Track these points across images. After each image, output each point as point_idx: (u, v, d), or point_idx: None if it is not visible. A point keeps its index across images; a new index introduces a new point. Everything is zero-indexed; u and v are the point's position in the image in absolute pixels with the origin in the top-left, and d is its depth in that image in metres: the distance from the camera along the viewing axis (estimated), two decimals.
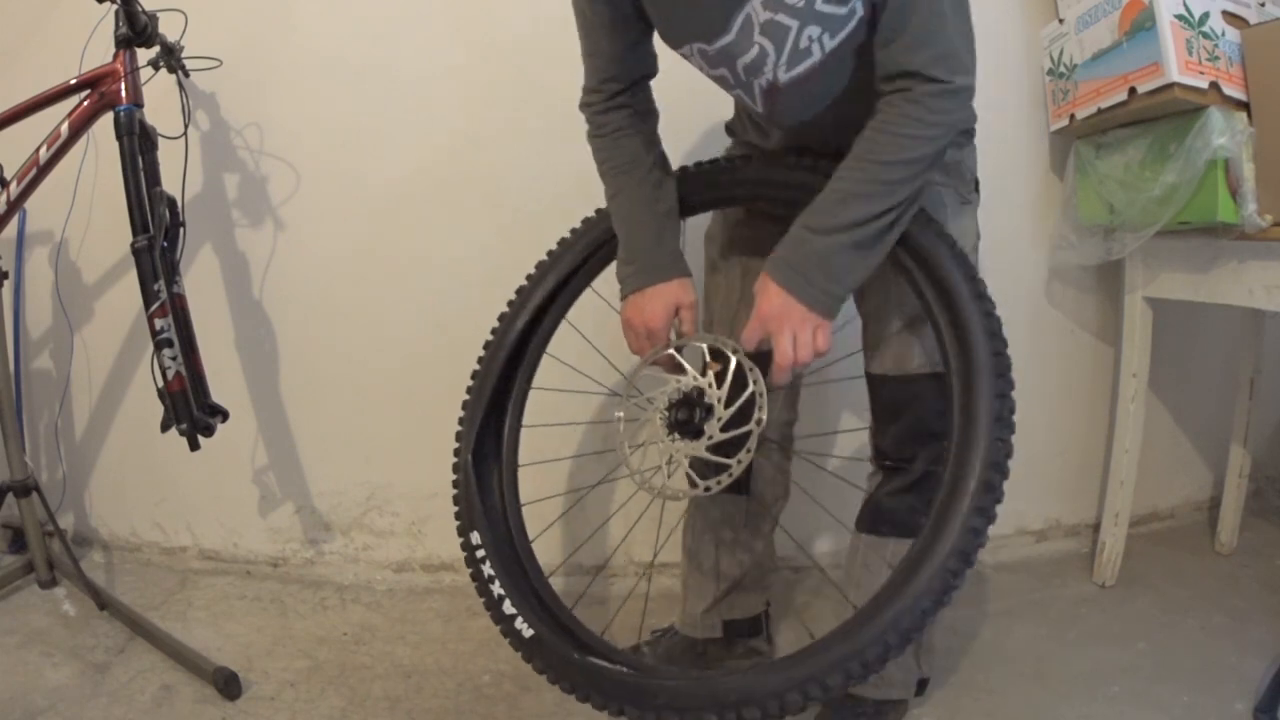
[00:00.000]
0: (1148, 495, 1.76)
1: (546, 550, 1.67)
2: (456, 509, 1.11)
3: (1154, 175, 1.29)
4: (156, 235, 1.27)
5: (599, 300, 1.22)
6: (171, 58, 1.41)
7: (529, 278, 1.19)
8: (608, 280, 1.16)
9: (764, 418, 0.97)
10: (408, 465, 1.69)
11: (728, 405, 0.99)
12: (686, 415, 1.01)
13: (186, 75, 1.46)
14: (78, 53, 1.46)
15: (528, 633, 1.01)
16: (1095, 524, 1.68)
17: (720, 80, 1.02)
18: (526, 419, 1.20)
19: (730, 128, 1.23)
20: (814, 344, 0.91)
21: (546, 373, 1.23)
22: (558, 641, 1.00)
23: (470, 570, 1.08)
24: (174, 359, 1.29)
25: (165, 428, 1.31)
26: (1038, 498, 1.74)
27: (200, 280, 1.63)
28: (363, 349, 1.68)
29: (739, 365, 0.99)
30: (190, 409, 1.30)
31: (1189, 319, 1.67)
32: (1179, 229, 1.31)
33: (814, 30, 0.91)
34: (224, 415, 1.39)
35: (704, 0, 0.93)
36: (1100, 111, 1.36)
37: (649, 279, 1.06)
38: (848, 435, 1.59)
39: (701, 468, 1.01)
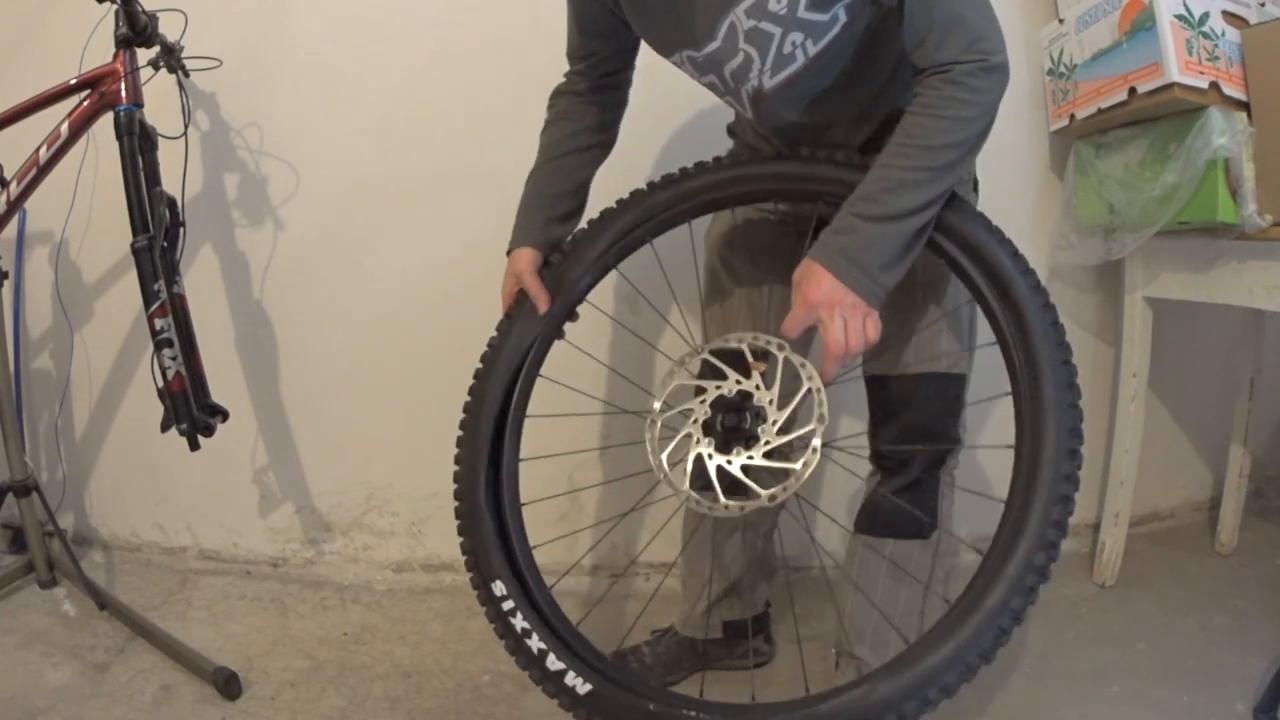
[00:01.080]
0: (1148, 495, 1.75)
1: (552, 555, 1.68)
2: (469, 558, 1.00)
3: (1154, 175, 1.29)
4: (156, 235, 1.27)
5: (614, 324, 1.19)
6: (171, 58, 1.41)
7: (508, 313, 1.09)
8: (608, 295, 1.13)
9: (826, 414, 0.92)
10: (408, 465, 1.69)
11: (780, 406, 0.94)
12: (735, 421, 0.94)
13: (186, 75, 1.46)
14: (78, 53, 1.46)
15: (583, 689, 0.90)
16: (1095, 524, 1.68)
17: (711, 87, 1.04)
18: (540, 448, 1.12)
19: (731, 129, 1.24)
20: (865, 332, 0.88)
21: (555, 398, 1.17)
22: (619, 693, 0.90)
23: (497, 626, 0.97)
24: (174, 359, 1.29)
25: (165, 428, 1.31)
26: None
27: (200, 280, 1.63)
28: (363, 349, 1.68)
29: (788, 362, 0.94)
30: (190, 409, 1.30)
31: (1189, 319, 1.67)
32: (1179, 229, 1.31)
33: (797, 37, 0.92)
34: (224, 415, 1.39)
35: (689, 9, 0.94)
36: (1100, 111, 1.36)
37: (511, 242, 1.12)
38: (849, 435, 1.59)
39: (756, 475, 0.95)
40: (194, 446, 1.32)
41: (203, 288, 1.63)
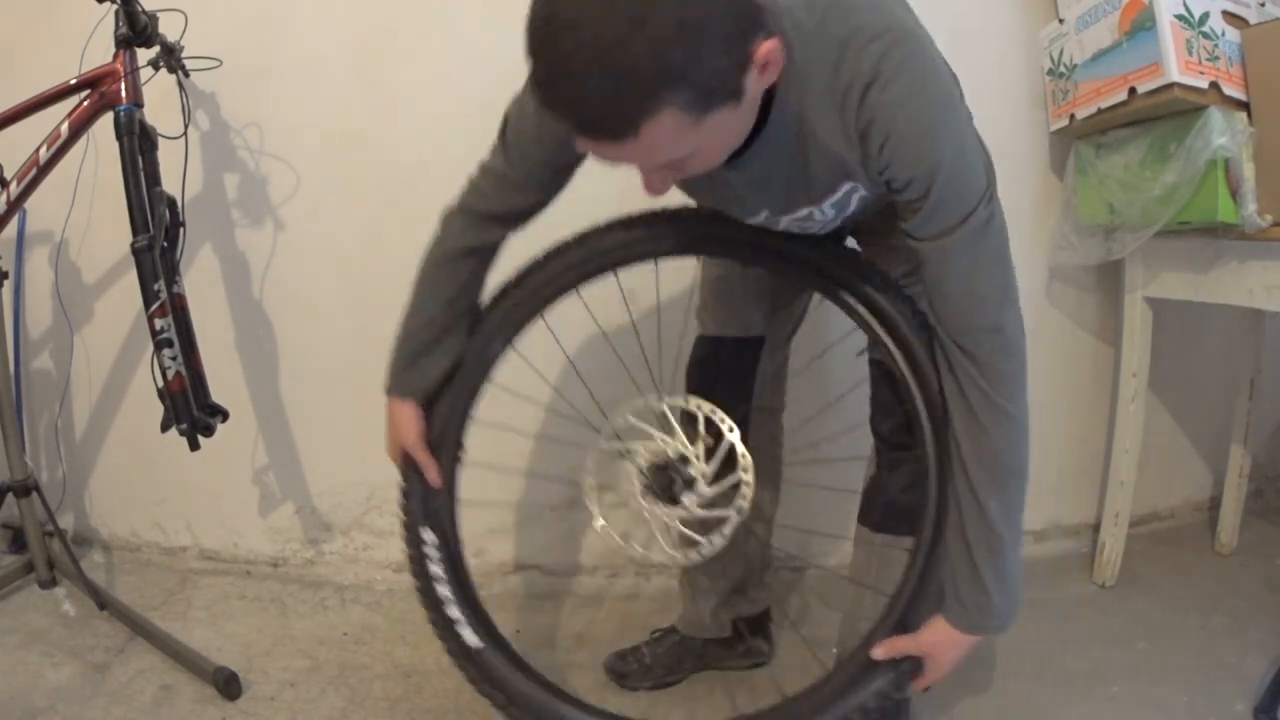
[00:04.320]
0: (1148, 495, 1.76)
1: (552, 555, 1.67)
2: (404, 501, 1.07)
3: (1154, 175, 1.29)
4: (156, 235, 1.27)
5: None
6: (171, 58, 1.41)
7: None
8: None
9: (746, 506, 0.98)
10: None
11: (713, 483, 0.99)
12: (665, 482, 1.00)
13: (186, 75, 1.46)
14: (78, 53, 1.46)
15: (474, 642, 0.99)
16: (1095, 524, 1.68)
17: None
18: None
19: None
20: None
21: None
22: (507, 662, 1.00)
23: (415, 567, 1.04)
24: (174, 359, 1.29)
25: (165, 428, 1.31)
26: (1038, 498, 1.72)
27: (200, 280, 1.63)
28: (362, 348, 1.66)
29: (732, 448, 0.99)
30: (190, 409, 1.30)
31: (1189, 319, 1.67)
32: (1179, 229, 1.31)
33: (828, 213, 0.92)
34: (224, 415, 1.39)
35: (729, 208, 0.95)
36: (1100, 111, 1.36)
37: (391, 384, 1.05)
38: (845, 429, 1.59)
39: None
40: (194, 446, 1.32)
41: (203, 288, 1.63)
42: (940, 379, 0.91)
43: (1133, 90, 1.27)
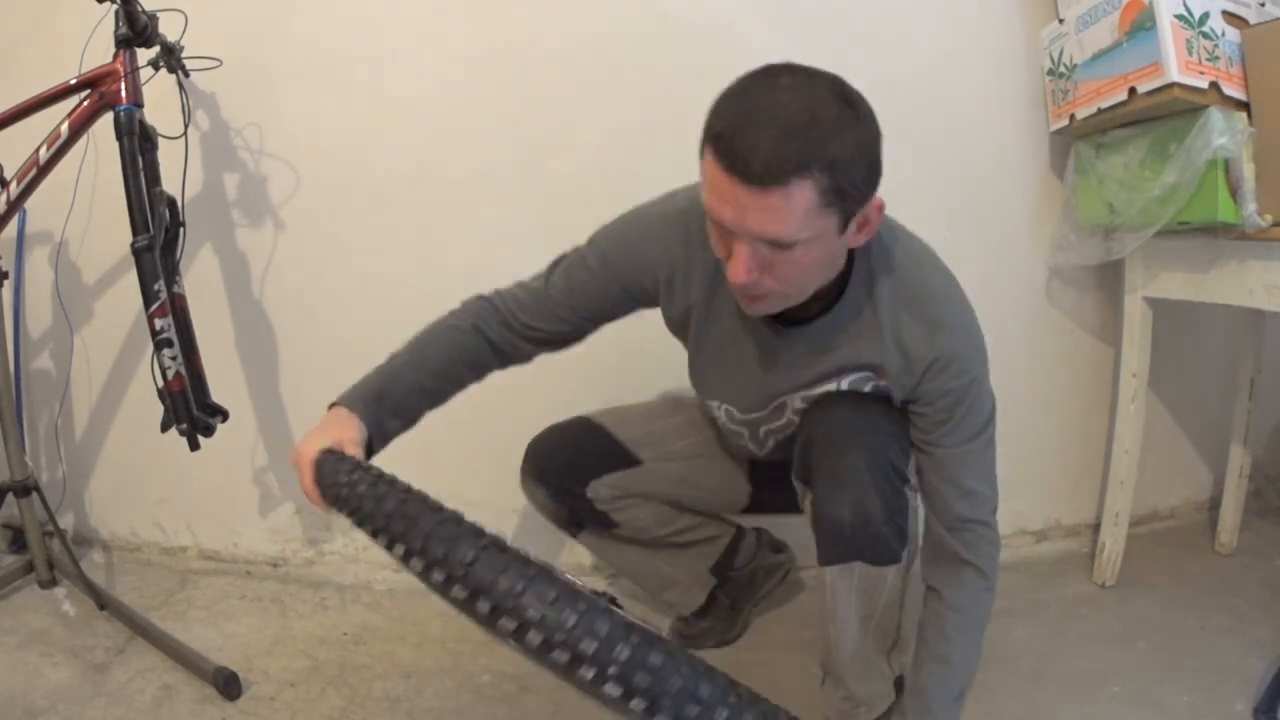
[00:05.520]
0: (1148, 495, 1.75)
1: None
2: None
3: (1154, 175, 1.29)
4: (156, 235, 1.28)
5: None
6: (171, 58, 1.41)
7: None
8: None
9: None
10: (407, 465, 1.69)
11: None
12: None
13: (186, 75, 1.46)
14: (78, 53, 1.46)
15: None
16: (1095, 524, 1.68)
17: (731, 432, 1.10)
18: None
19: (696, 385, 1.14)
20: None
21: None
22: None
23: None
24: (174, 359, 1.29)
25: (165, 428, 1.31)
26: (1038, 498, 1.74)
27: (200, 280, 1.63)
28: (362, 348, 1.67)
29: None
30: (190, 409, 1.31)
31: (1189, 319, 1.67)
32: (1179, 229, 1.31)
33: (841, 387, 0.98)
34: (224, 415, 1.39)
35: (747, 381, 1.00)
36: (1100, 111, 1.36)
37: (349, 401, 0.98)
38: None
39: None
40: (194, 446, 1.32)
41: (203, 288, 1.63)
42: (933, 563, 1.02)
43: (1133, 90, 1.27)
